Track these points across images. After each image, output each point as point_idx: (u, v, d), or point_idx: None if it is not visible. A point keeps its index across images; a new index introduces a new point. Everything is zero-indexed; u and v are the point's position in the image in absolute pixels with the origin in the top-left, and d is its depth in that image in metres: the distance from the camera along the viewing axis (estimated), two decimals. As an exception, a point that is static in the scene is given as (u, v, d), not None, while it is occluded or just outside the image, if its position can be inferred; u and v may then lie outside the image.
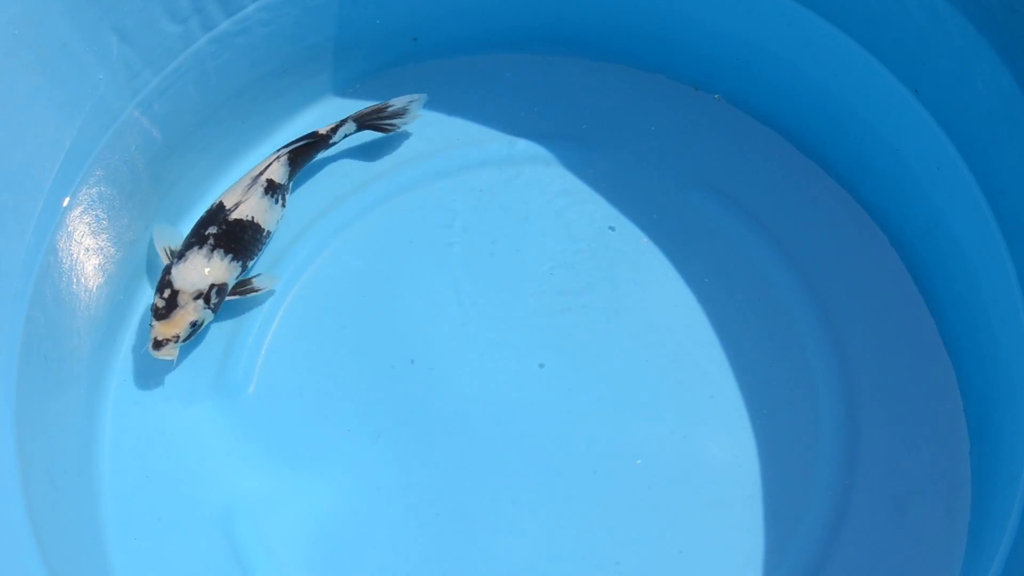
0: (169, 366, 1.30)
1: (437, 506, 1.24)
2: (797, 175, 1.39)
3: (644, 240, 1.36)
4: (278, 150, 1.32)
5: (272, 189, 1.29)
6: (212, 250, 1.25)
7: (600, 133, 1.42)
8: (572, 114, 1.43)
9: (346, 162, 1.41)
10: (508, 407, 1.28)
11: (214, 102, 1.35)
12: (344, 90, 1.44)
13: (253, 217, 1.27)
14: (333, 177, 1.40)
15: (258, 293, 1.28)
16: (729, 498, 1.24)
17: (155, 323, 1.22)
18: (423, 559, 1.22)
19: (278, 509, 1.23)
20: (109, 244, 1.29)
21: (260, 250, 1.30)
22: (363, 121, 1.36)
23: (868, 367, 1.29)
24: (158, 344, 1.22)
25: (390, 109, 1.37)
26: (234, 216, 1.27)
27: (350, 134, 1.36)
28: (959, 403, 1.27)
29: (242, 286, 1.28)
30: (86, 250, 1.26)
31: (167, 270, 1.25)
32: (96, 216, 1.27)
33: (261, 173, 1.29)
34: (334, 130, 1.34)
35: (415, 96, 1.37)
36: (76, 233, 1.25)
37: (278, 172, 1.30)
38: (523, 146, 1.41)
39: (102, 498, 1.24)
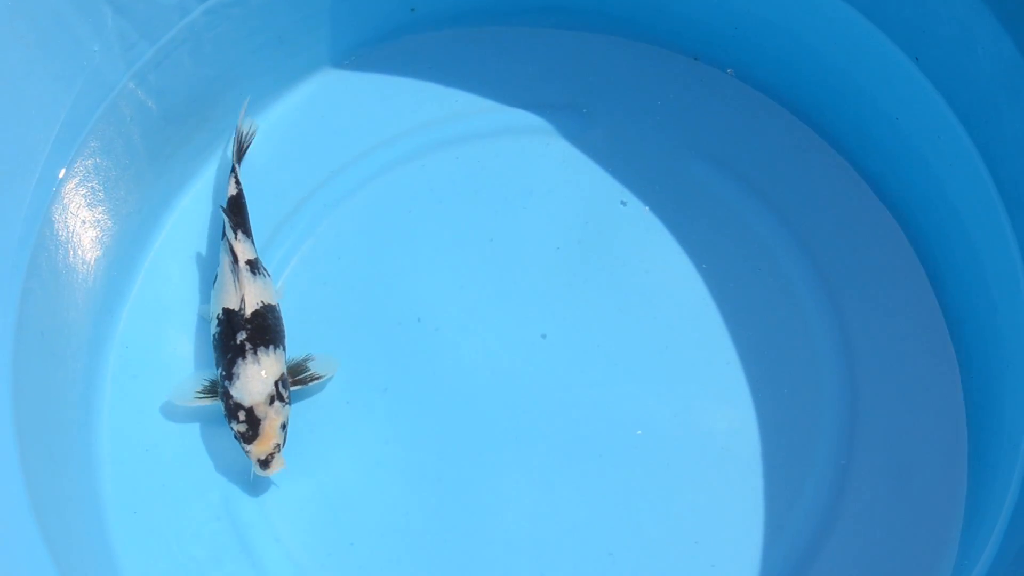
0: (167, 340, 1.30)
1: (439, 470, 1.25)
2: (797, 145, 1.38)
3: (645, 211, 1.35)
4: (225, 236, 1.26)
5: (253, 266, 1.26)
6: (255, 352, 1.21)
7: (599, 104, 1.41)
8: (571, 85, 1.42)
9: (344, 134, 1.40)
10: (510, 376, 1.28)
11: (210, 74, 1.34)
12: (341, 61, 1.44)
13: (263, 300, 1.25)
14: (330, 150, 1.40)
15: (321, 379, 1.25)
16: (729, 470, 1.24)
17: (250, 447, 1.18)
18: (423, 525, 1.22)
19: (278, 478, 1.22)
20: (105, 216, 1.28)
21: (282, 323, 1.27)
22: (241, 156, 1.34)
23: (869, 338, 1.29)
24: (265, 463, 1.18)
25: (245, 136, 1.35)
26: (249, 311, 1.23)
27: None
28: (958, 375, 1.27)
29: (301, 374, 1.24)
30: (82, 222, 1.26)
31: (226, 395, 1.20)
32: (92, 188, 1.26)
33: (235, 262, 1.24)
34: (237, 181, 1.31)
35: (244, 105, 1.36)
36: (72, 205, 1.24)
37: (246, 249, 1.26)
38: (522, 117, 1.41)
39: (101, 471, 1.24)
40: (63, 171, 1.23)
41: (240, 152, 1.34)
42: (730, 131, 1.39)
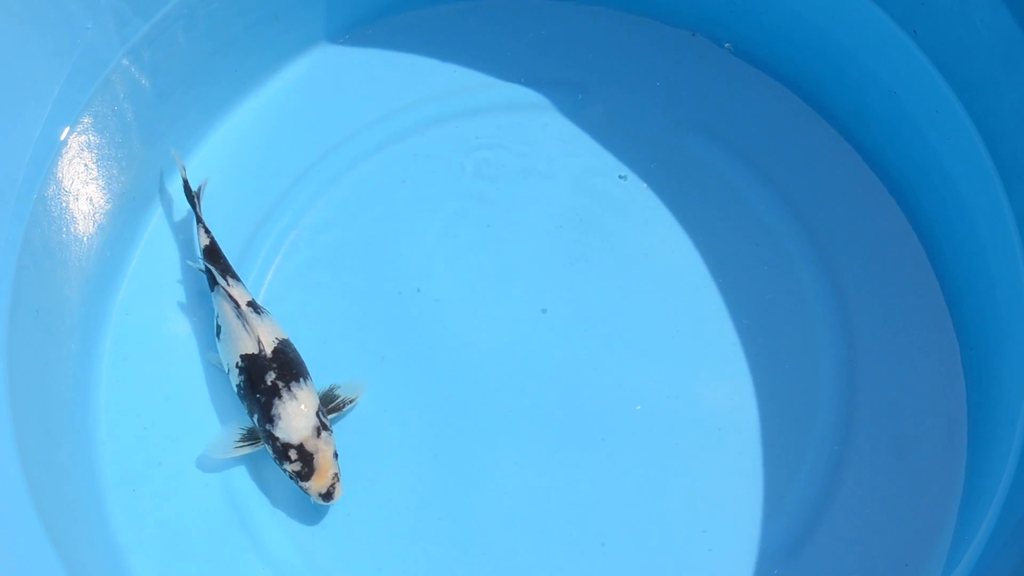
0: (164, 318, 1.29)
1: (435, 443, 1.25)
2: (795, 120, 1.38)
3: (644, 187, 1.35)
4: (215, 286, 1.24)
5: (255, 307, 1.24)
6: (288, 389, 1.19)
7: (596, 78, 1.41)
8: (568, 60, 1.42)
9: (340, 110, 1.40)
10: (509, 349, 1.28)
11: (204, 51, 1.33)
12: (337, 37, 1.43)
13: (276, 337, 1.22)
14: (326, 126, 1.39)
15: (354, 402, 1.24)
16: (728, 443, 1.24)
17: (308, 484, 1.17)
18: (421, 498, 1.22)
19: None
20: (100, 194, 1.28)
21: (299, 354, 1.25)
22: (197, 202, 1.32)
23: (866, 312, 1.29)
24: (327, 496, 1.17)
25: (197, 188, 1.32)
26: (269, 351, 1.21)
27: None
28: (957, 346, 1.27)
29: (333, 402, 1.23)
30: (75, 199, 1.25)
31: (271, 437, 1.18)
32: (85, 165, 1.26)
33: (238, 307, 1.22)
34: (207, 231, 1.28)
35: (178, 159, 1.32)
36: (66, 182, 1.24)
37: (241, 292, 1.25)
38: (519, 92, 1.40)
39: (98, 449, 1.24)
40: (56, 148, 1.22)
41: (196, 200, 1.31)
42: (728, 106, 1.39)
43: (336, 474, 1.17)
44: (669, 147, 1.37)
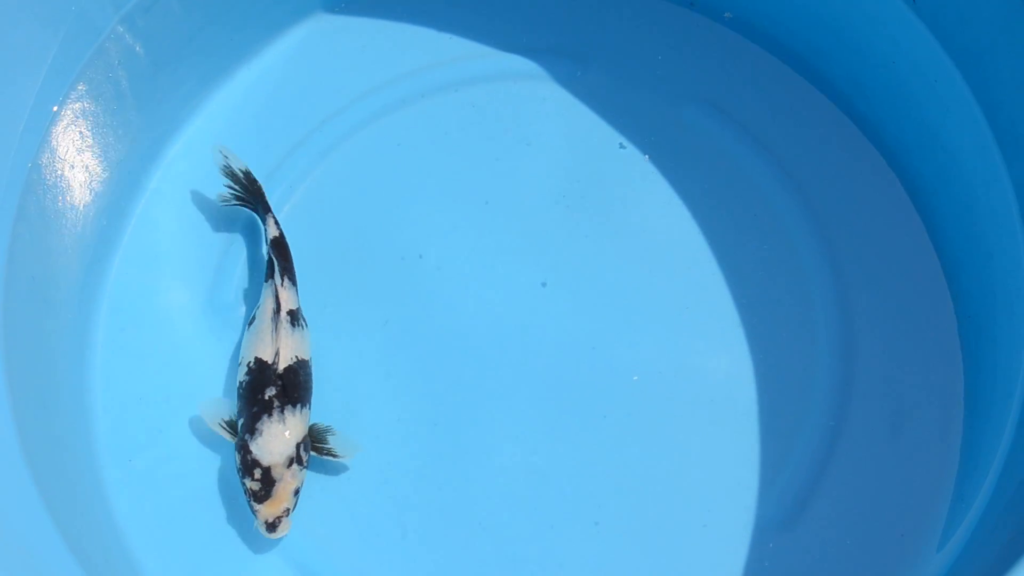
0: (160, 288, 1.29)
1: (435, 412, 1.25)
2: (792, 91, 1.37)
3: (642, 158, 1.34)
4: (270, 279, 1.23)
5: (295, 317, 1.22)
6: (282, 411, 1.17)
7: (592, 48, 1.40)
8: (565, 30, 1.41)
9: (336, 80, 1.39)
10: (510, 322, 1.28)
11: (200, 19, 1.32)
12: (333, 6, 1.42)
13: (297, 356, 1.20)
14: (323, 96, 1.38)
15: (339, 458, 1.20)
16: (724, 415, 1.24)
17: (259, 507, 1.14)
18: (420, 466, 1.23)
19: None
20: (95, 162, 1.27)
21: (312, 380, 1.22)
22: (263, 197, 1.29)
23: (864, 284, 1.28)
24: (272, 527, 1.14)
25: (241, 178, 1.29)
26: (282, 367, 1.18)
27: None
28: (954, 320, 1.27)
29: (320, 443, 1.20)
30: (71, 167, 1.25)
31: (244, 448, 1.16)
32: (80, 133, 1.25)
33: (278, 310, 1.21)
34: (276, 223, 1.26)
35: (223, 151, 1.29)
36: (60, 150, 1.23)
37: (290, 298, 1.22)
38: (515, 62, 1.39)
39: (95, 420, 1.24)
40: (51, 116, 1.21)
41: (261, 190, 1.28)
42: (726, 78, 1.38)
43: (288, 509, 1.15)
44: (667, 119, 1.36)
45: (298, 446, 1.16)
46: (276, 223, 1.27)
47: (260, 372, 1.18)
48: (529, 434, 1.24)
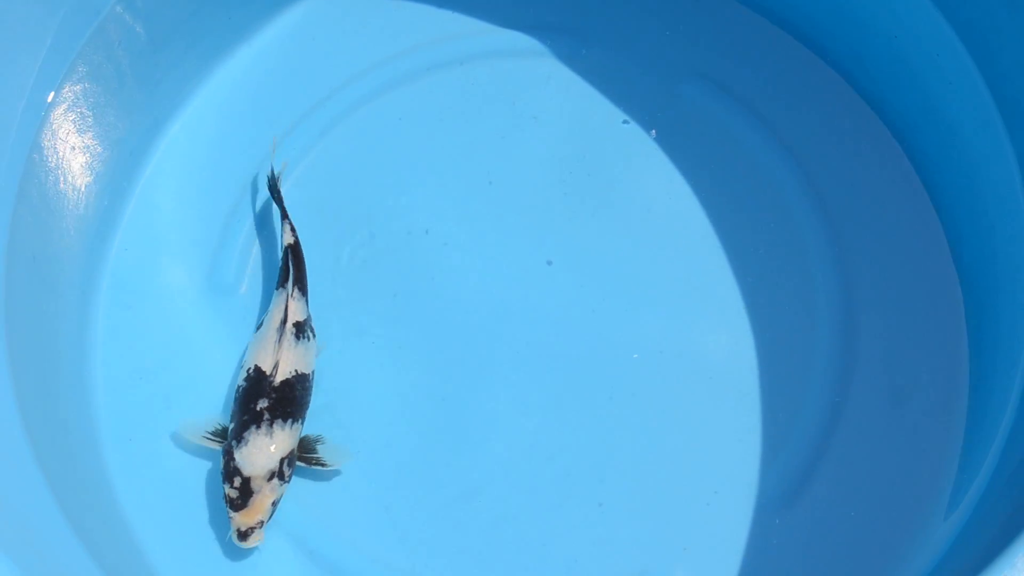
0: (161, 268, 1.29)
1: (443, 390, 1.25)
2: (794, 66, 1.36)
3: (643, 134, 1.34)
4: (281, 288, 1.23)
5: (300, 329, 1.21)
6: (271, 425, 1.15)
7: (593, 25, 1.39)
8: (564, 6, 1.40)
9: (335, 58, 1.38)
10: (515, 300, 1.28)
11: (199, -3, 1.32)
12: (331, -18, 1.42)
13: (297, 370, 1.19)
14: (325, 71, 1.38)
15: (327, 467, 1.19)
16: (727, 392, 1.24)
17: (234, 515, 1.13)
18: (423, 441, 1.23)
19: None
20: (95, 143, 1.27)
21: (310, 395, 1.21)
22: (280, 202, 1.28)
23: (867, 259, 1.28)
24: (243, 535, 1.13)
25: (278, 175, 1.29)
26: (280, 379, 1.17)
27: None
28: (959, 296, 1.26)
29: (308, 453, 1.19)
30: (72, 148, 1.25)
31: (228, 454, 1.15)
32: (81, 114, 1.25)
33: (284, 320, 1.20)
34: (292, 230, 1.26)
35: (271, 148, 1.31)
36: (61, 131, 1.23)
37: (298, 309, 1.22)
38: (516, 39, 1.39)
39: (96, 398, 1.24)
40: (51, 96, 1.21)
41: (280, 195, 1.28)
42: (728, 52, 1.37)
43: (263, 521, 1.13)
44: (668, 95, 1.36)
45: (282, 461, 1.15)
46: (293, 230, 1.26)
47: (257, 381, 1.18)
48: (533, 411, 1.24)
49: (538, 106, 1.36)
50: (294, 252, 1.25)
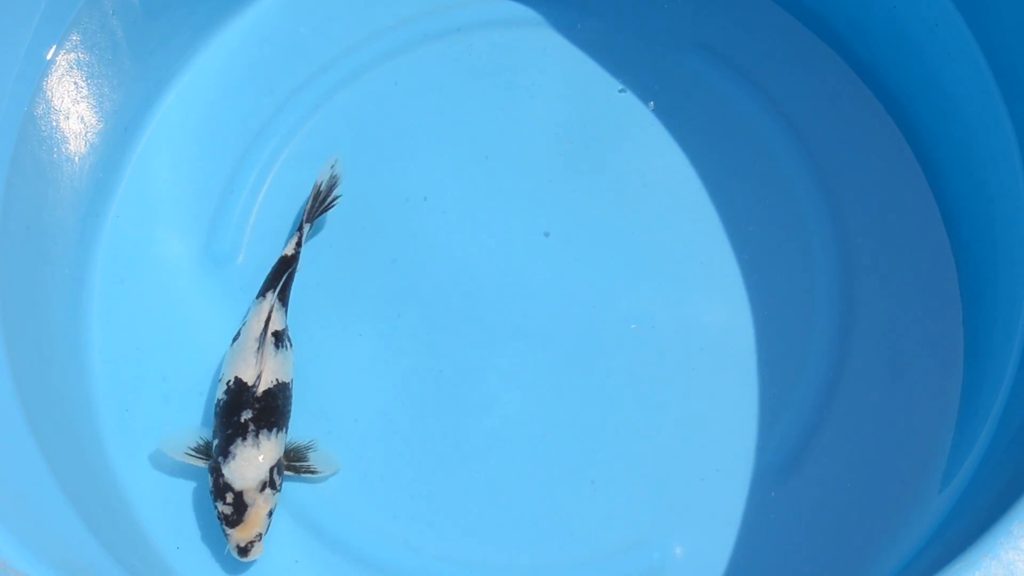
0: (156, 239, 1.29)
1: (440, 362, 1.24)
2: (791, 36, 1.36)
3: (641, 105, 1.34)
4: (262, 297, 1.21)
5: (279, 338, 1.19)
6: (257, 435, 1.14)
7: (591, -6, 1.39)
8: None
9: (332, 28, 1.38)
10: (513, 271, 1.28)
11: (193, -33, 1.31)
12: (326, -45, 1.41)
13: (278, 379, 1.17)
14: (321, 41, 1.37)
15: (316, 475, 1.18)
16: (722, 364, 1.24)
17: (231, 531, 1.12)
18: (419, 412, 1.23)
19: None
20: (90, 113, 1.26)
21: (291, 403, 1.20)
22: (313, 216, 1.27)
23: (864, 230, 1.28)
24: (244, 551, 1.12)
25: (323, 187, 1.27)
26: (262, 390, 1.16)
27: (308, 233, 1.27)
28: (954, 265, 1.26)
29: (298, 461, 1.17)
30: (66, 118, 1.24)
31: (216, 471, 1.13)
32: (75, 84, 1.24)
33: (264, 330, 1.18)
34: (298, 243, 1.24)
35: (331, 159, 1.29)
36: (55, 100, 1.23)
37: (278, 319, 1.20)
38: (512, 8, 1.38)
39: (92, 370, 1.24)
40: (44, 66, 1.21)
41: (315, 208, 1.26)
42: (726, 23, 1.36)
43: (261, 534, 1.12)
44: (666, 66, 1.35)
45: (271, 470, 1.14)
46: (299, 243, 1.24)
47: (239, 393, 1.16)
48: (528, 383, 1.23)
49: (536, 77, 1.36)
50: (290, 264, 1.23)
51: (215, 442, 1.16)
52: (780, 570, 1.16)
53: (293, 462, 1.17)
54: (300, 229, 1.25)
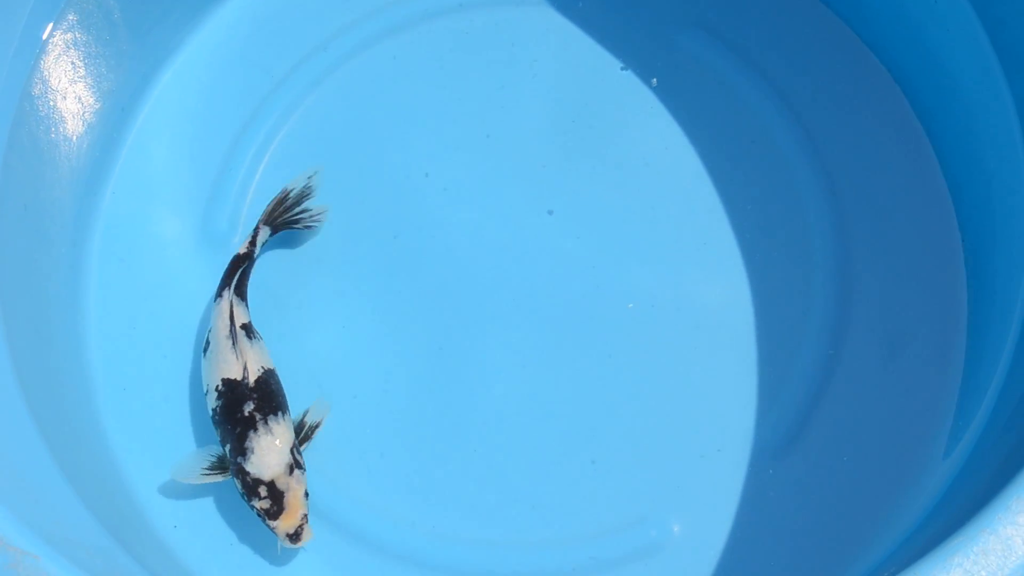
0: (153, 219, 1.29)
1: (441, 339, 1.24)
2: (791, 15, 1.35)
3: (653, 81, 1.33)
4: (220, 295, 1.20)
5: (249, 330, 1.19)
6: (266, 422, 1.14)
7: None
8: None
9: (329, 3, 1.37)
10: (514, 250, 1.28)
11: (189, -56, 1.31)
12: (323, -67, 1.40)
13: (263, 366, 1.17)
14: (316, 20, 1.37)
15: (319, 425, 1.19)
16: (721, 343, 1.24)
17: (276, 523, 1.11)
18: (420, 389, 1.23)
19: (274, 351, 1.21)
20: (87, 92, 1.26)
21: (282, 387, 1.19)
22: (275, 223, 1.25)
23: (864, 209, 1.27)
24: (295, 536, 1.12)
25: (292, 194, 1.25)
26: (252, 380, 1.16)
27: (266, 240, 1.25)
28: (957, 244, 1.25)
29: (302, 433, 1.18)
30: (62, 97, 1.24)
31: (241, 472, 1.13)
32: (72, 64, 1.24)
33: (232, 327, 1.17)
34: (252, 243, 1.23)
35: (310, 171, 1.27)
36: (51, 80, 1.22)
37: (243, 313, 1.20)
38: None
39: (90, 349, 1.24)
40: (41, 45, 1.20)
41: (277, 213, 1.24)
42: (725, 1, 1.36)
43: (305, 515, 1.12)
44: (667, 44, 1.35)
45: (292, 451, 1.15)
46: (252, 243, 1.23)
47: (231, 392, 1.16)
48: (529, 360, 1.23)
49: (537, 54, 1.35)
50: (242, 262, 1.22)
51: (227, 448, 1.15)
52: (777, 547, 1.16)
53: (299, 436, 1.18)
54: (256, 229, 1.23)
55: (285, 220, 1.25)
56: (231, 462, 1.14)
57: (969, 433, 1.12)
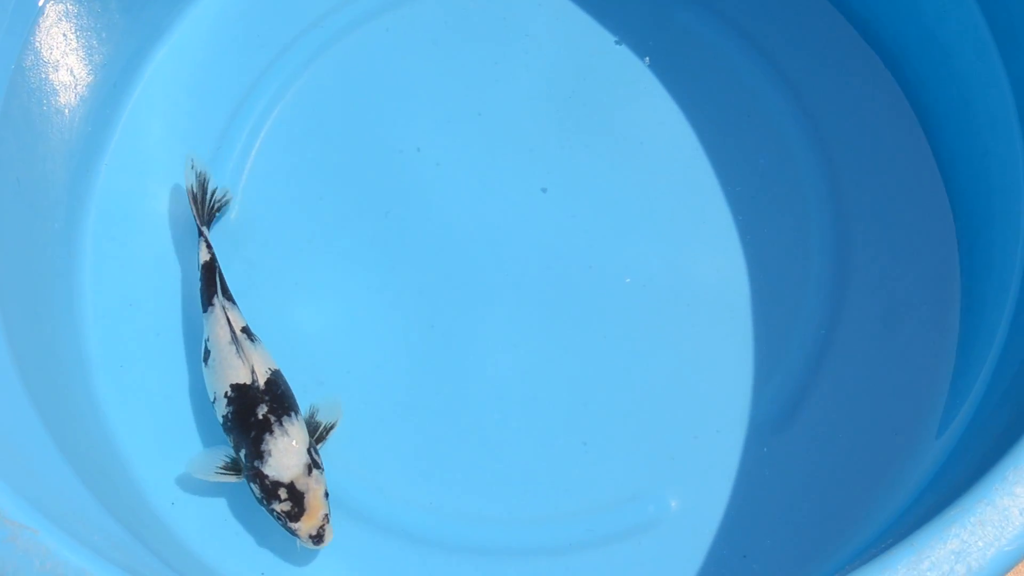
0: (147, 194, 1.28)
1: (432, 316, 1.24)
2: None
3: (636, 60, 1.33)
4: (211, 304, 1.18)
5: (249, 333, 1.18)
6: (280, 424, 1.12)
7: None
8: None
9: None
10: (508, 226, 1.27)
11: (181, -82, 1.30)
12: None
13: (269, 367, 1.16)
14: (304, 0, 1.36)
15: (334, 427, 1.17)
16: (718, 318, 1.24)
17: (298, 524, 1.10)
18: (414, 366, 1.22)
19: (269, 329, 1.21)
20: (80, 65, 1.25)
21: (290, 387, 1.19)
22: (207, 219, 1.24)
23: (859, 183, 1.28)
24: (318, 538, 1.10)
25: (195, 189, 1.23)
26: (262, 383, 1.14)
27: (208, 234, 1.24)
28: (951, 218, 1.26)
29: (316, 432, 1.16)
30: (55, 70, 1.23)
31: (259, 476, 1.11)
32: (64, 36, 1.23)
33: (233, 331, 1.16)
34: (209, 247, 1.21)
35: (188, 161, 1.23)
36: (44, 52, 1.21)
37: (238, 316, 1.18)
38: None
39: (85, 326, 1.23)
40: (33, 17, 1.19)
41: (204, 210, 1.23)
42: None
43: (327, 515, 1.11)
44: (662, 21, 1.35)
45: (310, 451, 1.13)
46: (209, 247, 1.21)
47: (242, 396, 1.14)
48: (523, 337, 1.23)
49: (531, 29, 1.35)
50: (211, 268, 1.20)
51: (242, 453, 1.14)
52: (775, 522, 1.16)
53: (314, 436, 1.16)
54: (202, 234, 1.22)
55: (211, 212, 1.24)
56: (247, 467, 1.13)
57: (966, 407, 1.12)
